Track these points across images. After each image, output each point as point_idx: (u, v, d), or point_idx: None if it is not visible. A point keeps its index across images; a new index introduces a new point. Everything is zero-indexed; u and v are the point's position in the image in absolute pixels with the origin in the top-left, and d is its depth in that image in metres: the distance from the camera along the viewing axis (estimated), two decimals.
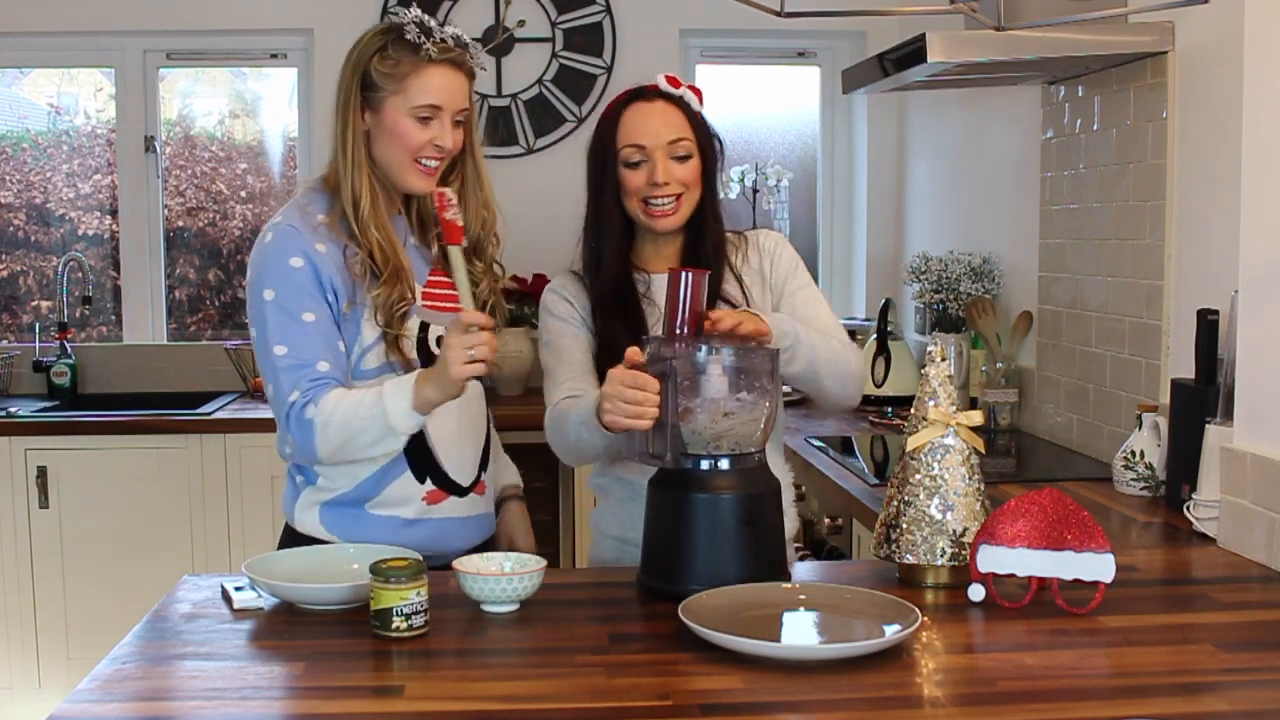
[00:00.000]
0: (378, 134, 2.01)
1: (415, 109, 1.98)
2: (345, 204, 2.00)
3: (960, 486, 1.80)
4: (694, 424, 1.78)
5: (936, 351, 1.85)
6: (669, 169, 2.05)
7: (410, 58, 1.98)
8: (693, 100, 2.11)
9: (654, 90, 2.11)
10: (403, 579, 1.61)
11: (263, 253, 2.00)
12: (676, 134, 2.06)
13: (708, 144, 2.11)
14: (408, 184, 2.04)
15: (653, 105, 2.09)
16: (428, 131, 2.00)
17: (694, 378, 1.79)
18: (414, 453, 2.03)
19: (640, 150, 2.06)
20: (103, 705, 1.43)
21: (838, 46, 4.55)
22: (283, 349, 1.95)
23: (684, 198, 2.07)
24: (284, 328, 1.95)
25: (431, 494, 2.05)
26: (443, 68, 1.99)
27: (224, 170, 4.61)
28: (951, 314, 3.61)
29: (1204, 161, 2.52)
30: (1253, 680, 1.49)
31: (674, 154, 2.06)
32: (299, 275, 1.96)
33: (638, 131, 2.07)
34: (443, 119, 2.00)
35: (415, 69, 1.98)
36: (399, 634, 1.62)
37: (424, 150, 2.00)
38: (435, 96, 1.99)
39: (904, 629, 1.55)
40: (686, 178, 2.07)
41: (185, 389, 4.24)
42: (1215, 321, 2.33)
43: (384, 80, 1.99)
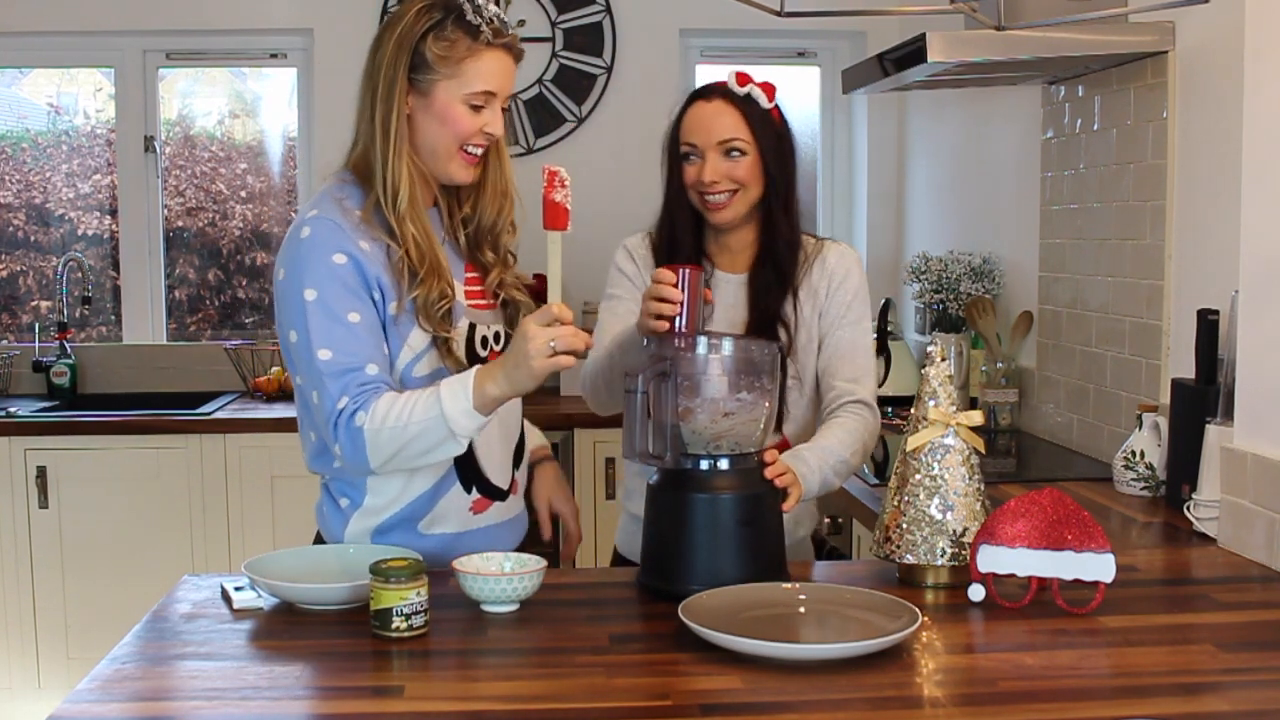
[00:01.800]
0: (423, 118, 1.87)
1: (471, 95, 1.86)
2: (381, 194, 1.86)
3: (960, 486, 1.80)
4: (694, 424, 1.78)
5: (936, 352, 1.85)
6: (717, 166, 2.10)
7: (467, 40, 1.84)
8: (760, 98, 2.12)
9: (718, 88, 2.14)
10: (403, 579, 1.61)
11: (299, 249, 1.85)
12: (729, 133, 2.10)
13: (770, 142, 2.12)
14: (450, 173, 1.91)
15: (710, 104, 2.12)
16: (479, 118, 1.88)
17: (694, 377, 1.79)
18: (462, 461, 1.93)
19: (693, 148, 2.12)
20: (103, 705, 1.43)
21: (838, 46, 4.55)
22: (327, 353, 1.80)
23: (738, 195, 2.11)
24: (328, 330, 1.81)
25: (477, 503, 1.97)
26: (498, 52, 1.87)
27: (224, 170, 4.61)
28: (951, 314, 3.61)
29: (1204, 161, 2.52)
30: (1253, 680, 1.49)
31: (726, 150, 2.10)
32: (342, 273, 1.82)
33: (692, 129, 2.13)
34: (494, 105, 1.89)
35: (473, 53, 1.84)
36: (399, 634, 1.61)
37: (474, 138, 1.88)
38: (491, 82, 1.86)
39: (904, 629, 1.55)
40: (739, 175, 2.10)
41: (185, 389, 4.24)
42: (1215, 321, 2.33)
43: (438, 62, 1.84)
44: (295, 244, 1.86)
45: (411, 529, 1.94)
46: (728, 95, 2.13)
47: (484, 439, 1.94)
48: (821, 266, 2.18)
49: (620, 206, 4.46)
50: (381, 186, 1.86)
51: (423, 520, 1.95)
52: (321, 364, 1.80)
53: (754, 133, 2.11)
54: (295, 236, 1.86)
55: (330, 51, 4.23)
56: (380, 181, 1.86)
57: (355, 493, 1.94)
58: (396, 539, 1.93)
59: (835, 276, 2.18)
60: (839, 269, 2.19)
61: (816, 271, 2.18)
